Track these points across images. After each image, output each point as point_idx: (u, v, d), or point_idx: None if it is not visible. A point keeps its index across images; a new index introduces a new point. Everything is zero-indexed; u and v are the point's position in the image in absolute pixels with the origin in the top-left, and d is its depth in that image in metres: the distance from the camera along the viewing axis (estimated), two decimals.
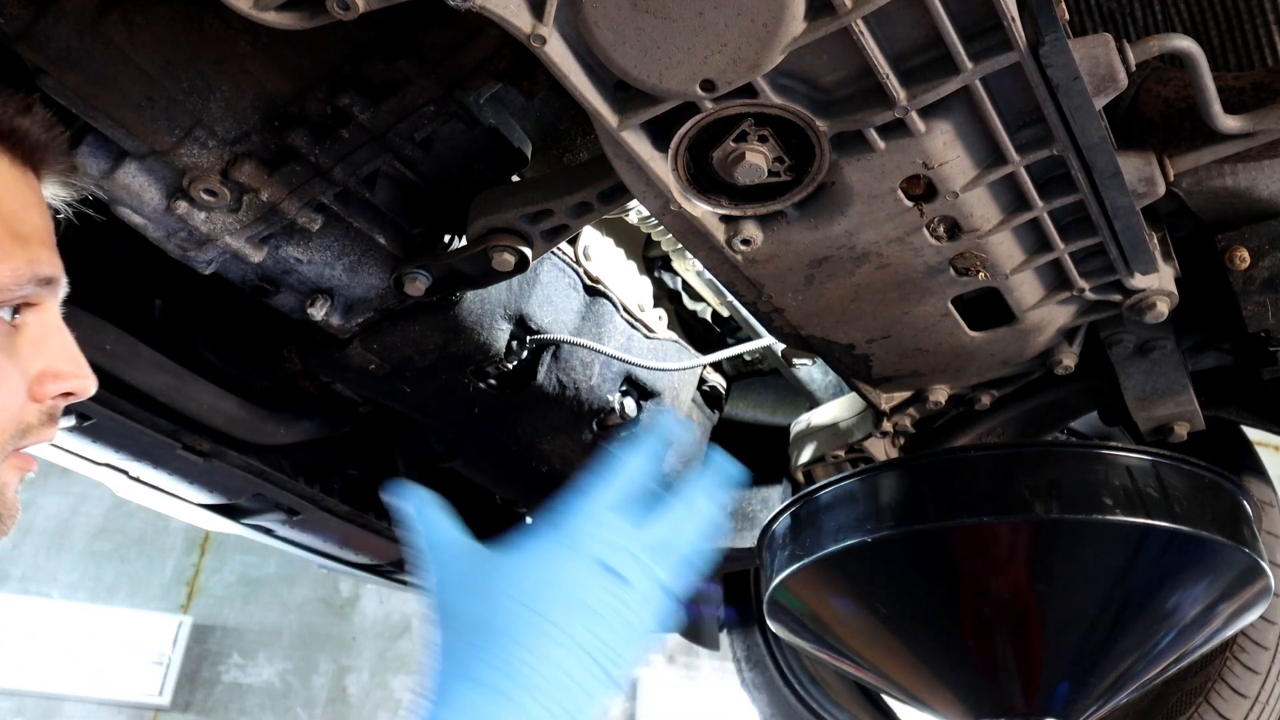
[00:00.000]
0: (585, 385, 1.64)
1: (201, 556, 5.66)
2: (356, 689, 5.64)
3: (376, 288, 1.37)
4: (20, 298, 0.74)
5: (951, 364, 1.39)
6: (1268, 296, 1.27)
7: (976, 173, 1.02)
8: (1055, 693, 1.27)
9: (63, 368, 0.77)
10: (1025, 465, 1.24)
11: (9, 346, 0.74)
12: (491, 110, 1.20)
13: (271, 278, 1.33)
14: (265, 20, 0.85)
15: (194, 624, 5.44)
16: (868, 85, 0.92)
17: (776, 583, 1.40)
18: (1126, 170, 1.08)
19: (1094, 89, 0.95)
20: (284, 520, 2.05)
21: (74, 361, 0.78)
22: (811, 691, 2.36)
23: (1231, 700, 1.76)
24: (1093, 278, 1.20)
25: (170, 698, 5.18)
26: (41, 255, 0.75)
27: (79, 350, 0.79)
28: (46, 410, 0.77)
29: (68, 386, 0.78)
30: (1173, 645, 1.29)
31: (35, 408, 0.76)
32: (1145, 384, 1.42)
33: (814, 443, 1.73)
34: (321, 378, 1.64)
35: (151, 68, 1.07)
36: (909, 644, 1.35)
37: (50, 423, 0.78)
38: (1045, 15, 0.88)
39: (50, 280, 0.76)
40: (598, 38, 0.85)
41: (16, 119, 0.76)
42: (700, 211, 1.04)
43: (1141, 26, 1.14)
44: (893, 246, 1.12)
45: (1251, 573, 1.27)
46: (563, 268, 1.57)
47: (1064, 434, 1.83)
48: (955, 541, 1.25)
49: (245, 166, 1.15)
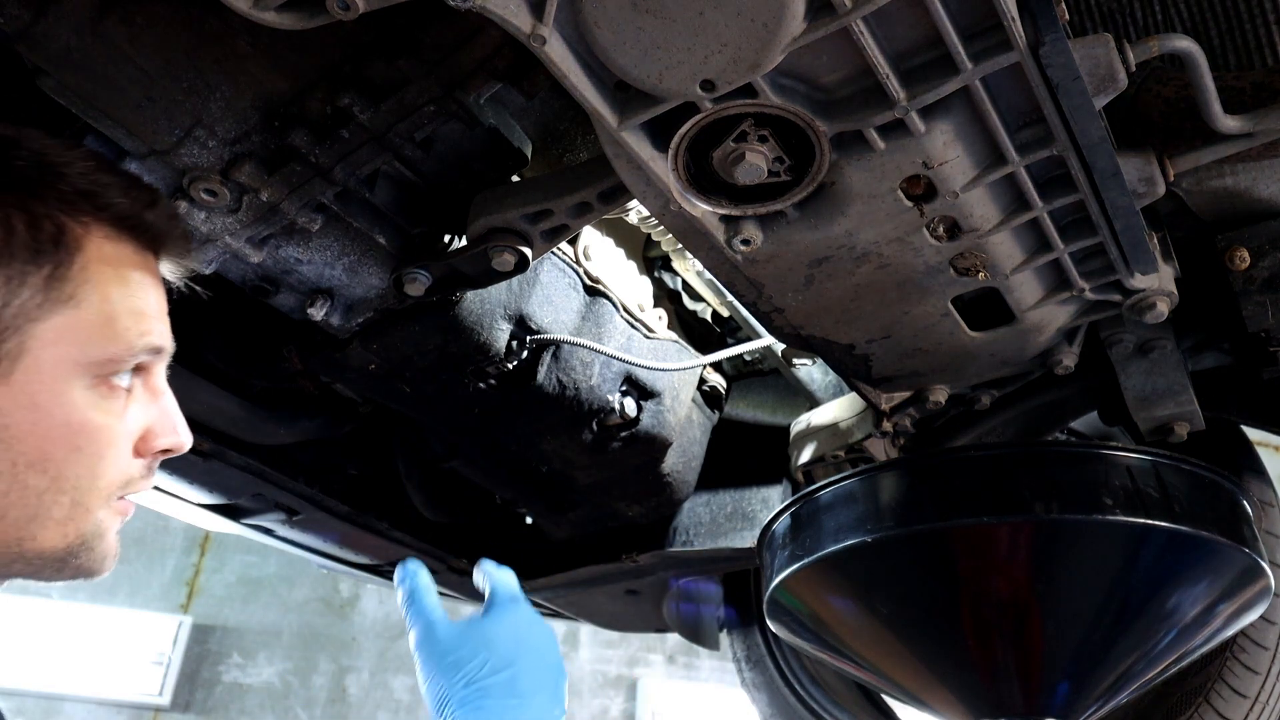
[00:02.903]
0: (585, 385, 1.64)
1: (201, 556, 5.66)
2: (356, 689, 5.64)
3: (376, 288, 1.37)
4: (133, 364, 0.85)
5: (951, 364, 1.39)
6: (1268, 296, 1.27)
7: (976, 173, 1.02)
8: (1055, 693, 1.27)
9: (164, 427, 0.88)
10: (1025, 465, 1.24)
11: (121, 410, 0.84)
12: (491, 110, 1.20)
13: (271, 278, 1.33)
14: (265, 20, 0.85)
15: (194, 624, 5.44)
16: (868, 85, 0.92)
17: (776, 583, 1.40)
18: (1126, 170, 1.08)
19: (1094, 89, 0.95)
20: (284, 520, 2.05)
21: (174, 422, 0.89)
22: (811, 691, 2.36)
23: (1231, 700, 1.76)
24: (1093, 278, 1.20)
25: (170, 698, 5.18)
26: (155, 328, 0.87)
27: (179, 410, 0.90)
28: (147, 464, 0.88)
29: (167, 444, 0.88)
30: (1173, 645, 1.29)
31: (139, 462, 0.87)
32: (1145, 384, 1.42)
33: (814, 443, 1.73)
34: (321, 378, 1.64)
35: (151, 68, 1.07)
36: (909, 644, 1.35)
37: (149, 474, 0.88)
38: (1045, 15, 0.88)
39: (159, 350, 0.87)
40: (598, 38, 0.85)
41: (145, 212, 0.87)
42: (700, 211, 1.04)
43: (1141, 26, 1.14)
44: (893, 246, 1.12)
45: (1251, 573, 1.27)
46: (563, 268, 1.57)
47: (1064, 434, 1.83)
48: (955, 541, 1.25)
49: (245, 166, 1.15)
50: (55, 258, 0.80)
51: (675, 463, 1.89)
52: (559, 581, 2.25)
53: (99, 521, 0.84)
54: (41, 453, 0.78)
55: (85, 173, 0.83)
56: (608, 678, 6.15)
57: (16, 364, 0.77)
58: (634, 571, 2.17)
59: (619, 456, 1.80)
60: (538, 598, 2.37)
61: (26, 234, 0.78)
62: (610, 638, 6.11)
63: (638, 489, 1.92)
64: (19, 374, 0.77)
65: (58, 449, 0.79)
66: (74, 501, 0.81)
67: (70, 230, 0.81)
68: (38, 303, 0.78)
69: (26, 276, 0.78)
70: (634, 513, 2.00)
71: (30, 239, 0.79)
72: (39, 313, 0.78)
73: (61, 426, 0.79)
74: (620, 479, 1.88)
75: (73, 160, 0.83)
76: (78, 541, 0.82)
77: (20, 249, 0.78)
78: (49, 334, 0.79)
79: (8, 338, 0.77)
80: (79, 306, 0.81)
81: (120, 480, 0.84)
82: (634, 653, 6.24)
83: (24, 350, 0.78)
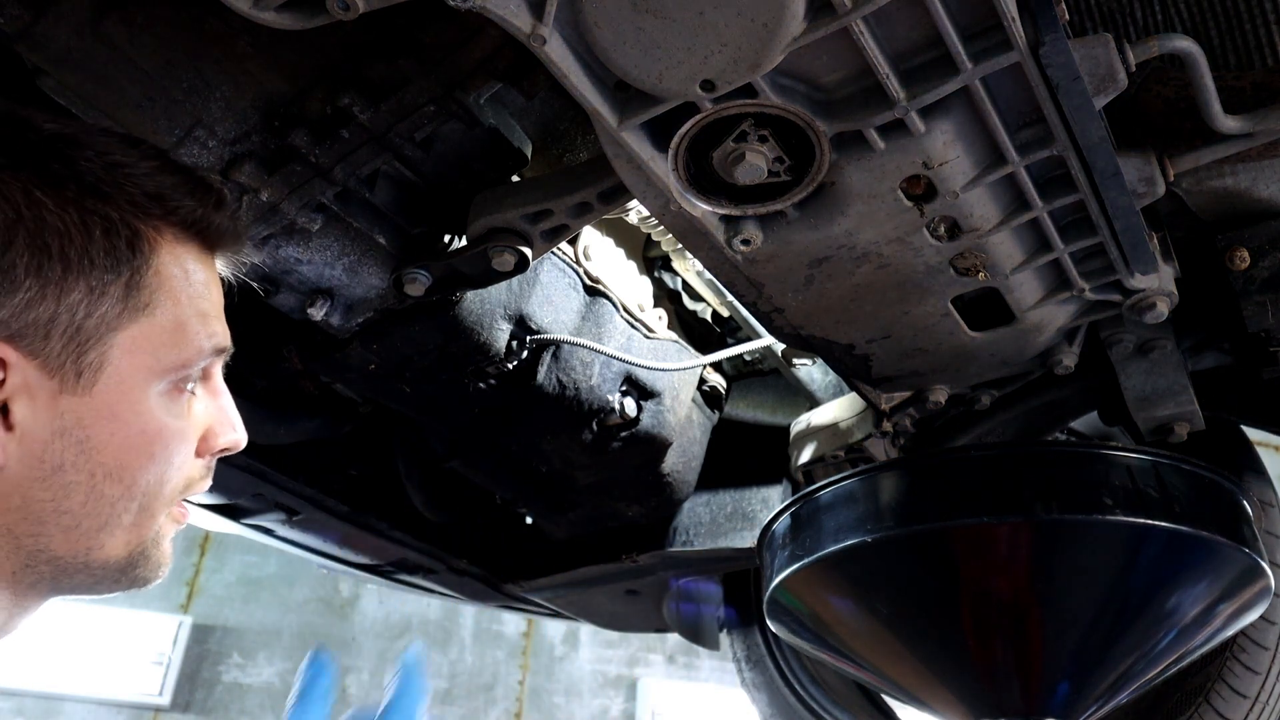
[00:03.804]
0: (585, 385, 1.64)
1: (201, 556, 5.66)
2: (356, 689, 5.64)
3: (376, 288, 1.37)
4: (202, 367, 0.85)
5: (952, 364, 1.39)
6: (1268, 296, 1.27)
7: (976, 173, 1.02)
8: (1055, 693, 1.27)
9: (224, 427, 0.88)
10: (1025, 465, 1.24)
11: (187, 412, 0.84)
12: (491, 110, 1.19)
13: (271, 278, 1.33)
14: (265, 20, 0.85)
15: (194, 624, 5.44)
16: (868, 85, 0.92)
17: (776, 583, 1.40)
18: (1126, 170, 1.08)
19: (1094, 89, 0.95)
20: (284, 520, 2.05)
21: (233, 421, 0.89)
22: (811, 691, 2.36)
23: (1231, 700, 1.76)
24: (1093, 278, 1.20)
25: (170, 698, 5.18)
26: (218, 329, 0.86)
27: (236, 409, 0.90)
28: (207, 464, 0.87)
29: (227, 443, 0.88)
30: (1173, 645, 1.29)
31: (199, 462, 0.86)
32: (1145, 384, 1.42)
33: (814, 443, 1.73)
34: (321, 378, 1.64)
35: (151, 68, 1.07)
36: (909, 644, 1.35)
37: (208, 475, 0.88)
38: (1045, 15, 0.88)
39: (223, 350, 0.87)
40: (598, 38, 0.85)
41: (212, 214, 0.87)
42: (700, 211, 1.04)
43: (1141, 26, 1.14)
44: (893, 246, 1.12)
45: (1251, 573, 1.27)
46: (563, 268, 1.57)
47: (1064, 434, 1.83)
48: (955, 542, 1.25)
49: (245, 166, 1.15)
50: (132, 265, 0.79)
51: (675, 463, 1.89)
52: (559, 581, 2.25)
53: (159, 528, 0.84)
54: (119, 463, 0.78)
55: (151, 173, 0.82)
56: (608, 678, 6.15)
57: (99, 375, 0.77)
58: (634, 571, 2.17)
59: (619, 456, 1.80)
60: (538, 598, 2.37)
61: (104, 241, 0.78)
62: (610, 638, 6.11)
63: (638, 489, 1.92)
64: (100, 385, 0.77)
65: (135, 458, 0.79)
66: (141, 507, 0.81)
67: (144, 235, 0.81)
68: (117, 312, 0.78)
69: (107, 286, 0.78)
70: (634, 513, 2.00)
71: (108, 245, 0.78)
72: (118, 322, 0.78)
73: (138, 435, 0.79)
74: (620, 479, 1.88)
75: (137, 160, 0.82)
76: (139, 549, 0.82)
77: (100, 256, 0.77)
78: (127, 343, 0.79)
79: (90, 349, 0.77)
80: (153, 314, 0.80)
81: (184, 482, 0.84)
82: (634, 653, 6.25)
83: (106, 361, 0.78)
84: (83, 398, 0.77)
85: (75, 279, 0.76)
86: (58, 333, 0.76)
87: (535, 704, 5.94)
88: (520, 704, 5.92)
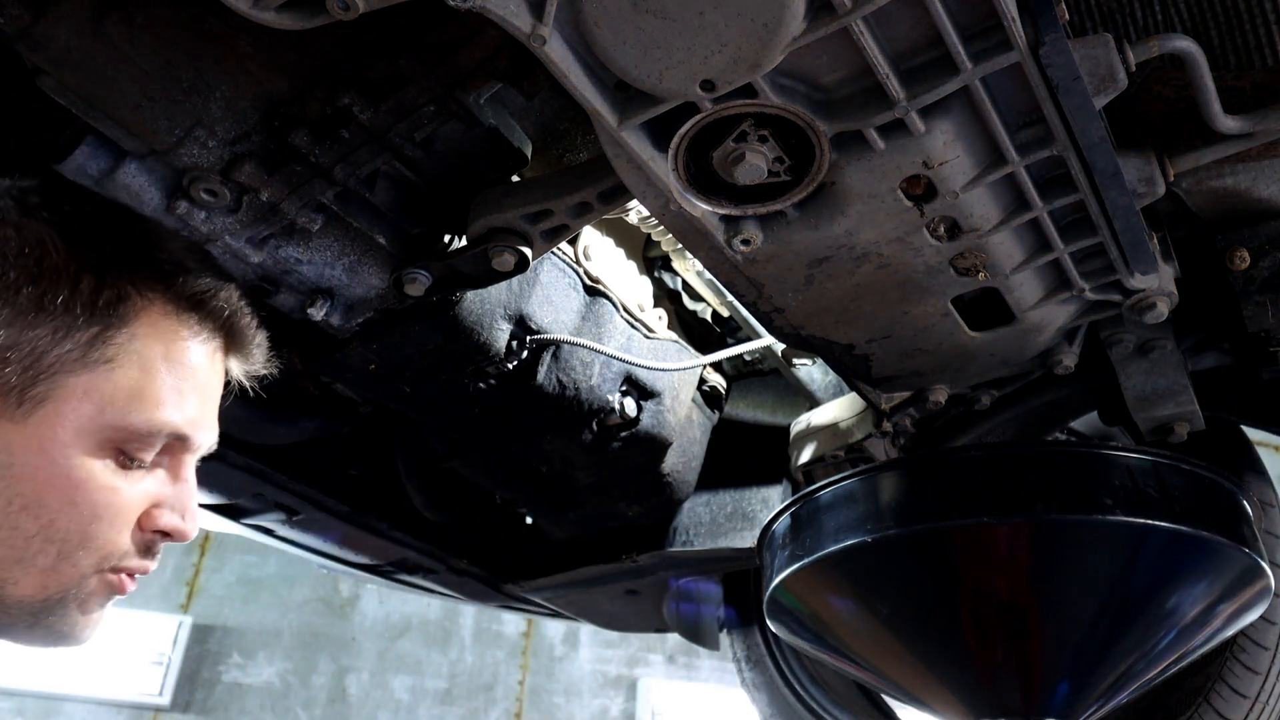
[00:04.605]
0: (585, 385, 1.64)
1: (201, 556, 5.66)
2: (356, 689, 5.64)
3: (376, 288, 1.37)
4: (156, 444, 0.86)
5: (952, 364, 1.39)
6: (1268, 296, 1.27)
7: (976, 173, 1.02)
8: (1055, 693, 1.27)
9: (171, 511, 0.89)
10: (1025, 465, 1.24)
11: (130, 481, 0.85)
12: (491, 110, 1.20)
13: (271, 278, 1.33)
14: (265, 20, 0.85)
15: (194, 624, 5.45)
16: (868, 85, 0.92)
17: (776, 583, 1.40)
18: (1126, 170, 1.08)
19: (1094, 89, 0.95)
20: (284, 520, 2.05)
21: (186, 508, 0.91)
22: (811, 691, 2.36)
23: (1231, 700, 1.76)
24: (1093, 278, 1.20)
25: (170, 698, 5.18)
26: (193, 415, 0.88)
27: (195, 504, 0.92)
28: (145, 540, 0.88)
29: (169, 525, 0.89)
30: (1173, 645, 1.29)
31: (137, 536, 0.87)
32: (1145, 384, 1.42)
33: (814, 443, 1.73)
34: (321, 378, 1.64)
35: (151, 68, 1.07)
36: (909, 644, 1.35)
37: (146, 555, 0.89)
38: (1045, 15, 0.88)
39: (184, 437, 0.88)
40: (598, 38, 0.85)
41: (245, 323, 0.93)
42: (700, 211, 1.04)
43: (1141, 26, 1.14)
44: (893, 246, 1.12)
45: (1251, 573, 1.27)
46: (563, 268, 1.57)
47: (1064, 434, 1.83)
48: (955, 541, 1.25)
49: (245, 166, 1.15)
50: (105, 321, 0.83)
51: (675, 463, 1.89)
52: (559, 581, 2.25)
53: (84, 586, 0.84)
54: (38, 498, 0.80)
55: (171, 254, 0.88)
56: (608, 678, 6.15)
57: (38, 408, 0.80)
58: (634, 571, 2.17)
59: (619, 456, 1.80)
60: (538, 598, 2.37)
61: (89, 296, 0.83)
62: (610, 638, 6.11)
63: (638, 489, 1.92)
64: (36, 418, 0.80)
65: (55, 498, 0.81)
66: (60, 555, 0.82)
67: (131, 300, 0.85)
68: (75, 357, 0.82)
69: (73, 331, 0.82)
70: (634, 513, 2.00)
71: (90, 298, 0.83)
72: (74, 366, 0.82)
73: (62, 478, 0.81)
74: (620, 479, 1.88)
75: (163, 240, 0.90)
76: (56, 597, 0.83)
77: (78, 306, 0.82)
78: (77, 388, 0.82)
79: (39, 382, 0.80)
80: (113, 371, 0.83)
81: (113, 549, 0.85)
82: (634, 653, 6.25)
83: (49, 397, 0.81)
84: (17, 425, 0.80)
85: (47, 317, 0.81)
86: (16, 359, 0.79)
87: (535, 704, 5.95)
88: (520, 704, 5.92)
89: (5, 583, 0.81)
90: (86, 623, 0.86)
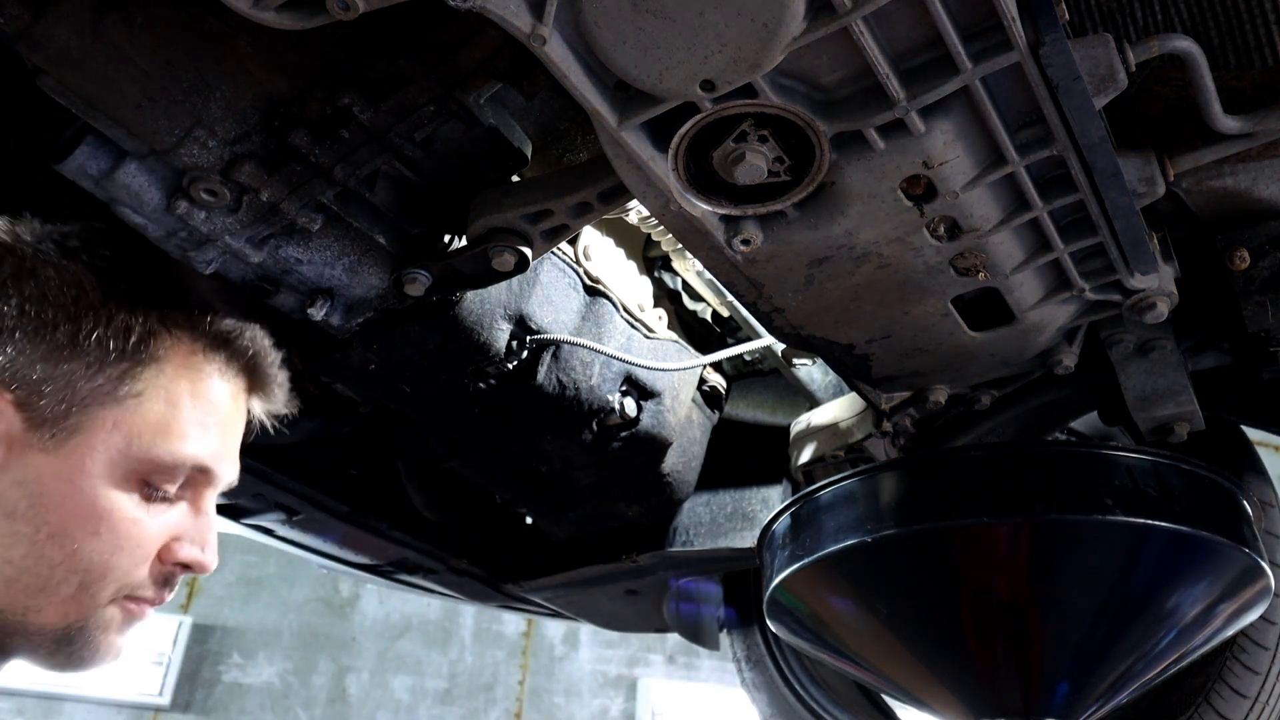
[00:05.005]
0: (585, 385, 1.64)
1: None
2: (356, 689, 5.64)
3: (376, 288, 1.37)
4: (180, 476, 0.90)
5: (952, 364, 1.39)
6: (1268, 296, 1.27)
7: (976, 173, 1.02)
8: (1055, 693, 1.27)
9: (192, 543, 0.92)
10: (1025, 465, 1.24)
11: (153, 513, 0.88)
12: (491, 110, 1.20)
13: (271, 278, 1.33)
14: (265, 20, 0.85)
15: (194, 624, 5.45)
16: (868, 85, 0.92)
17: (776, 583, 1.40)
18: (1126, 170, 1.08)
19: (1094, 89, 0.95)
20: (284, 520, 2.05)
21: (206, 542, 0.94)
22: (811, 691, 2.36)
23: (1231, 700, 1.76)
24: (1093, 278, 1.20)
25: (170, 698, 5.18)
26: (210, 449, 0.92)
27: (215, 537, 0.95)
28: (164, 572, 0.91)
29: (189, 557, 0.92)
30: (1173, 645, 1.29)
31: (157, 568, 0.90)
32: (1145, 384, 1.42)
33: (814, 443, 1.73)
34: (321, 378, 1.64)
35: (151, 68, 1.06)
36: (909, 644, 1.35)
37: (164, 586, 0.91)
38: (1045, 15, 0.88)
39: (206, 470, 0.92)
40: (598, 38, 0.85)
41: (268, 362, 0.98)
42: (700, 211, 1.04)
43: (1141, 26, 1.14)
44: (893, 246, 1.12)
45: (1251, 573, 1.27)
46: (563, 268, 1.57)
47: (1064, 434, 1.83)
48: (955, 541, 1.25)
49: (245, 166, 1.15)
50: (135, 357, 0.88)
51: (675, 463, 1.89)
52: (559, 581, 2.25)
53: (104, 614, 0.87)
54: (64, 527, 0.83)
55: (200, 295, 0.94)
56: (608, 678, 6.16)
57: (70, 439, 0.84)
58: (634, 571, 2.17)
59: (619, 456, 1.80)
60: (538, 598, 2.37)
61: (121, 333, 0.87)
62: (610, 638, 6.11)
63: (638, 489, 1.92)
64: (67, 449, 0.84)
65: (80, 527, 0.83)
66: (82, 585, 0.84)
67: (160, 338, 0.90)
68: (106, 391, 0.86)
69: (105, 366, 0.86)
70: (634, 513, 2.00)
71: (122, 337, 0.87)
72: (105, 400, 0.85)
73: (88, 507, 0.84)
74: (620, 479, 1.88)
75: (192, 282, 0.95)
76: (77, 625, 0.85)
77: (111, 343, 0.86)
78: (108, 421, 0.85)
79: (72, 414, 0.84)
80: (141, 404, 0.87)
81: (132, 579, 0.87)
82: (634, 653, 6.25)
83: (80, 429, 0.84)
84: (49, 455, 0.83)
85: (82, 353, 0.85)
86: (52, 392, 0.83)
87: (535, 704, 5.95)
88: (520, 704, 5.92)
89: (29, 610, 0.83)
90: (107, 648, 0.88)
